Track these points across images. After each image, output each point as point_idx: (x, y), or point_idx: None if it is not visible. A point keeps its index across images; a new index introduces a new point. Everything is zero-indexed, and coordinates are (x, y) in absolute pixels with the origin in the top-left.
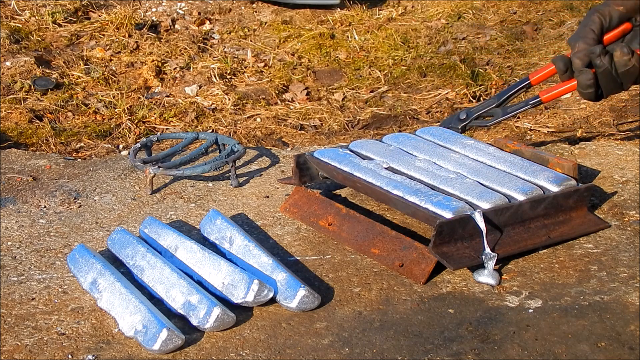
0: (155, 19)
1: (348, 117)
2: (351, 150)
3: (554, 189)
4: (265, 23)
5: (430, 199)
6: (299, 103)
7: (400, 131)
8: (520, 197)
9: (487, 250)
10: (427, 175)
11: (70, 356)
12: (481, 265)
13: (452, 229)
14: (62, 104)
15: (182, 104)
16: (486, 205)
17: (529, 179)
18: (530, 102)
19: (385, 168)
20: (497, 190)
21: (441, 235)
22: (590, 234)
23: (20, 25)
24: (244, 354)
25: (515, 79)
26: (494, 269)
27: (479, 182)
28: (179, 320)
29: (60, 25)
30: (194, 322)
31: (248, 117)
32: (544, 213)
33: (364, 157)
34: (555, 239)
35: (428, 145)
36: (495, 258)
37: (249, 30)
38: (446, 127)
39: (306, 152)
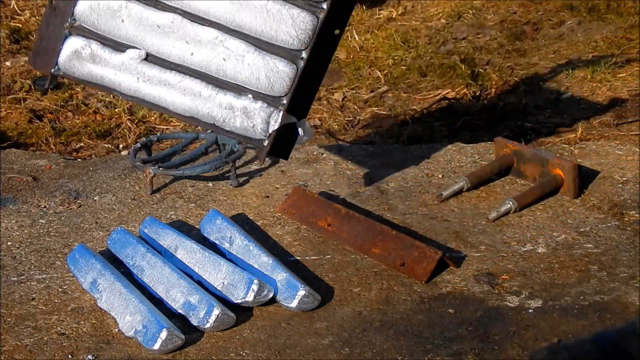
0: None
1: (348, 117)
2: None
3: None
4: None
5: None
6: None
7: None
8: None
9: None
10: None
11: (70, 356)
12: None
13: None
14: (62, 104)
15: None
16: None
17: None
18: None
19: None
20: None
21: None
22: None
23: (20, 25)
24: (244, 354)
25: (515, 78)
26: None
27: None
28: (179, 320)
29: None
30: (194, 322)
31: None
32: None
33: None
34: None
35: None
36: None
37: None
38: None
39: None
